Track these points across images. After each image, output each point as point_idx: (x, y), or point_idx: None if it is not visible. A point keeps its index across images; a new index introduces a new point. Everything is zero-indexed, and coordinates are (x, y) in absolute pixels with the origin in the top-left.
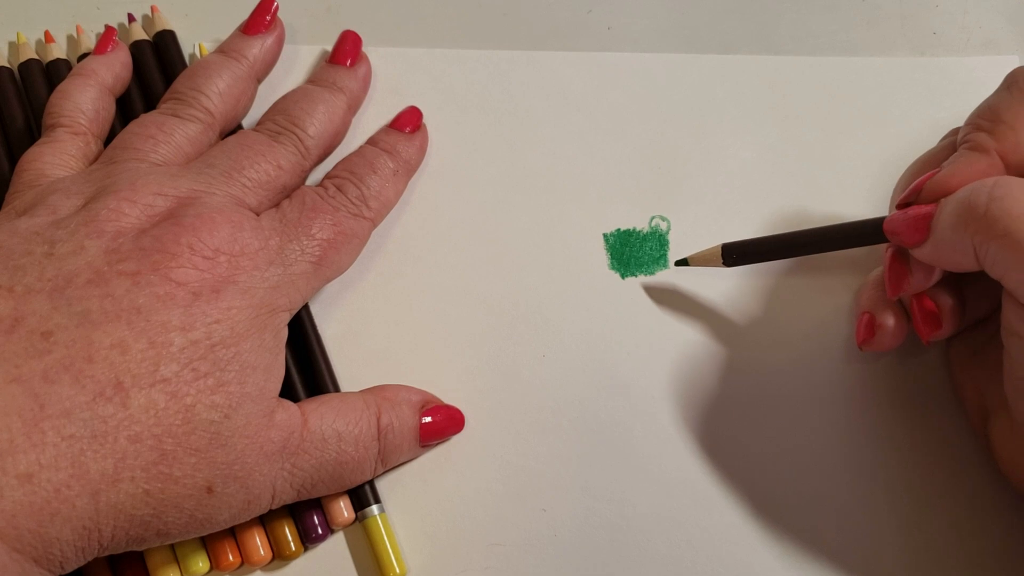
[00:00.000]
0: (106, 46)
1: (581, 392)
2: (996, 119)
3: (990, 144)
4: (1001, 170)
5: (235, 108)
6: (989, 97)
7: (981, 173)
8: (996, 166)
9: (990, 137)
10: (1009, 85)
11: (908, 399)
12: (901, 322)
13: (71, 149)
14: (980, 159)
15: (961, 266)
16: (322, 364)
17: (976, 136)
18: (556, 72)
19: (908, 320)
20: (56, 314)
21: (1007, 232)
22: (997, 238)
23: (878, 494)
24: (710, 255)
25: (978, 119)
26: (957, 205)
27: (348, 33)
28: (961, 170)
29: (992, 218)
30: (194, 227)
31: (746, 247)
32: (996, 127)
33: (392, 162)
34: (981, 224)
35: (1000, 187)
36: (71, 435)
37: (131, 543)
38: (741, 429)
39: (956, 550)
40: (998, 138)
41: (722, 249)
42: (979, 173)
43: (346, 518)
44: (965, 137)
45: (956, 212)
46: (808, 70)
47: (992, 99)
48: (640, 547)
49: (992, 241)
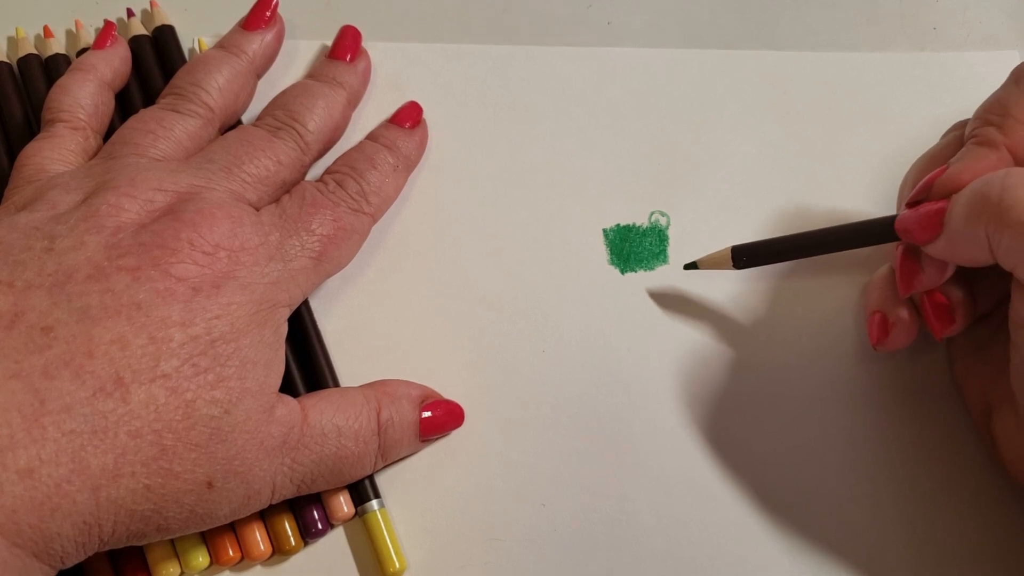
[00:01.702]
0: (105, 41)
1: (581, 387)
2: (1005, 113)
3: (999, 139)
4: (1011, 164)
5: (235, 103)
6: (997, 91)
7: (991, 167)
8: (1006, 160)
9: (999, 132)
10: (1017, 79)
11: (911, 396)
12: (913, 319)
13: (70, 144)
14: (990, 154)
15: (976, 260)
16: (322, 359)
17: (985, 131)
18: (556, 67)
19: (920, 317)
20: (56, 309)
21: (1020, 221)
22: (1010, 227)
23: (881, 491)
24: (720, 258)
25: (986, 113)
26: (970, 197)
27: (348, 28)
28: (971, 165)
29: (1005, 207)
30: (194, 222)
31: (756, 249)
32: (1005, 121)
33: (392, 157)
34: (994, 214)
35: (1012, 176)
36: (71, 430)
37: (131, 538)
38: (742, 425)
39: (959, 546)
40: (1007, 132)
41: (732, 251)
42: (989, 167)
43: (346, 513)
44: (973, 131)
45: (969, 204)
46: (808, 66)
47: (1000, 93)
48: (639, 543)
49: (1005, 230)
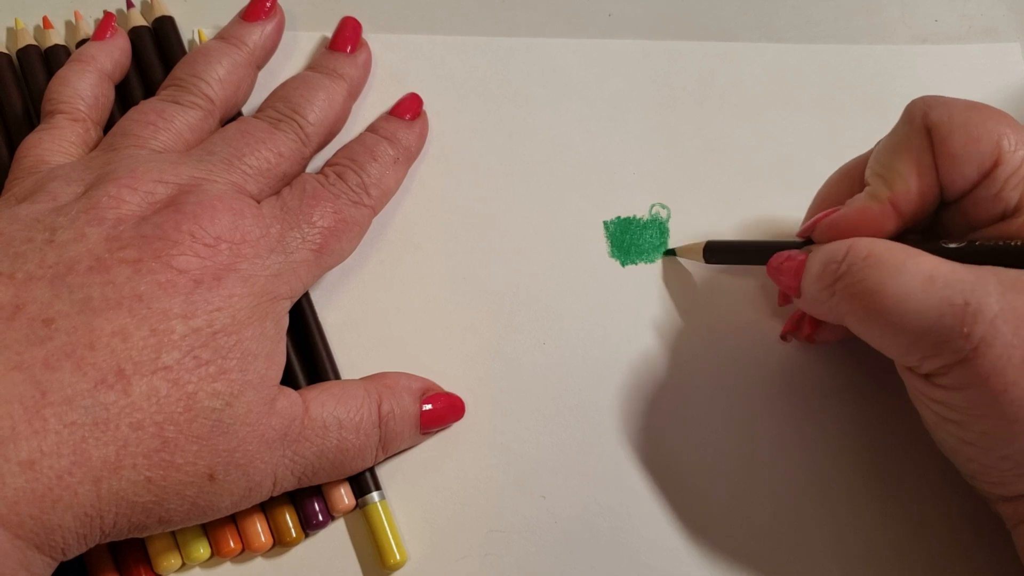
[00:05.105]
0: (105, 32)
1: (581, 379)
2: (889, 167)
3: (883, 193)
4: (892, 219)
5: (235, 95)
6: (891, 132)
7: (873, 220)
8: (888, 214)
9: (883, 184)
10: (908, 120)
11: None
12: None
13: (70, 136)
14: (873, 206)
15: (833, 322)
16: (323, 352)
17: (874, 183)
18: (556, 59)
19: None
20: (57, 301)
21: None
22: (848, 302)
23: (883, 490)
24: (694, 249)
25: (875, 162)
26: (820, 266)
27: (348, 20)
28: (853, 216)
29: (845, 285)
30: (195, 214)
31: (726, 247)
32: (888, 174)
33: (392, 149)
34: (838, 287)
35: (853, 252)
36: (73, 422)
37: (133, 530)
38: (743, 419)
39: (960, 545)
40: (890, 186)
41: (705, 245)
42: (871, 220)
43: (347, 505)
44: (867, 177)
45: (818, 273)
46: (809, 58)
47: (888, 139)
48: (639, 534)
49: (844, 304)
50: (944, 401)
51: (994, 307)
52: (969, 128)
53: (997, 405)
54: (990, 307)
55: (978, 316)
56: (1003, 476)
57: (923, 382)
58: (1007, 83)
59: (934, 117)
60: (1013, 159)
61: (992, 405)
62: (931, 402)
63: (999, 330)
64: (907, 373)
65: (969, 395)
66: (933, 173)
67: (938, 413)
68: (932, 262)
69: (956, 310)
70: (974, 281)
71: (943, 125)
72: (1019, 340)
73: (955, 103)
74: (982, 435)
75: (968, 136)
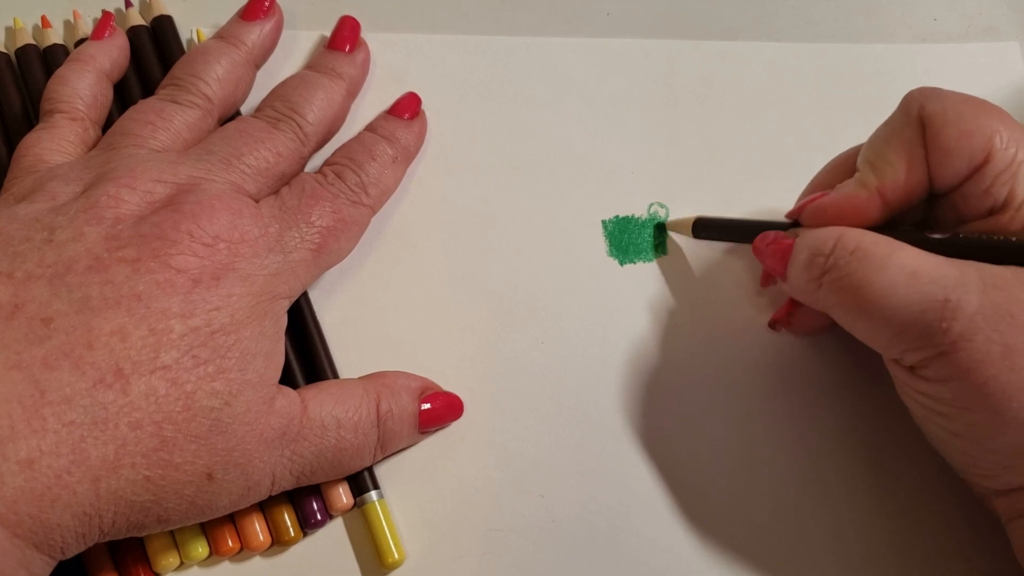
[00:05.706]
0: (103, 31)
1: (580, 378)
2: (880, 156)
3: (872, 182)
4: (878, 208)
5: (234, 94)
6: (886, 121)
7: (859, 207)
8: (874, 203)
9: (872, 172)
10: (904, 111)
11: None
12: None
13: (69, 135)
14: (861, 193)
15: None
16: (321, 351)
17: (864, 171)
18: (556, 58)
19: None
20: (56, 300)
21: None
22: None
23: (881, 487)
24: (683, 224)
25: (868, 150)
26: (807, 256)
27: (347, 19)
28: (840, 202)
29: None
30: (193, 214)
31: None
32: (879, 163)
33: (391, 149)
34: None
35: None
36: (71, 421)
37: (131, 529)
38: (741, 417)
39: (959, 545)
40: (879, 175)
41: (694, 221)
42: (858, 207)
43: (345, 504)
44: (858, 164)
45: (805, 264)
46: (809, 57)
47: (883, 128)
48: (639, 533)
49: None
50: (929, 393)
51: (974, 303)
52: (962, 123)
53: (980, 397)
54: (970, 303)
55: (958, 312)
56: (992, 468)
57: (908, 374)
58: (1007, 82)
59: (929, 109)
60: (1003, 156)
61: (975, 397)
62: (917, 394)
63: (979, 326)
64: (893, 365)
65: (952, 387)
66: (923, 165)
67: (925, 406)
68: (917, 257)
69: (937, 306)
70: (957, 277)
71: (937, 118)
72: (999, 335)
73: (951, 96)
74: (968, 427)
75: (961, 131)
